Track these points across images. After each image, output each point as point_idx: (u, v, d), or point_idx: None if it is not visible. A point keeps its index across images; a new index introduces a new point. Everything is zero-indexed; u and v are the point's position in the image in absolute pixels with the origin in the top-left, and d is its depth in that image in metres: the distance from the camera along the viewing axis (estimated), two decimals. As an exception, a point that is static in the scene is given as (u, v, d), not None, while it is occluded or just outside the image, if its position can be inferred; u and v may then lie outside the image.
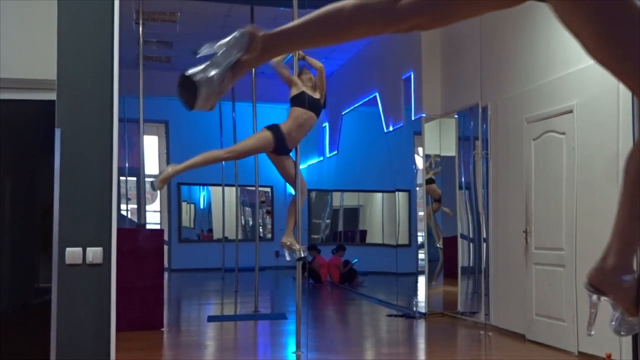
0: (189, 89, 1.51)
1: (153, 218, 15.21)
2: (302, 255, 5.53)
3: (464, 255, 8.55)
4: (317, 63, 5.54)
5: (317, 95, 5.48)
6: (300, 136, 5.45)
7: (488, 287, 7.65)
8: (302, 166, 6.03)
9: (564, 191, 6.34)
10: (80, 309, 4.07)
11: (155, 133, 15.42)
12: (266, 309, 9.45)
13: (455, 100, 8.49)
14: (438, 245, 8.95)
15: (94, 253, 4.09)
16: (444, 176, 8.93)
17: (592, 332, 1.71)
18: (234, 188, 12.85)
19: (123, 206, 13.29)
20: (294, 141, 5.44)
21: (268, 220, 16.48)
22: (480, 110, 7.80)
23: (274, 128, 5.41)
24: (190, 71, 1.52)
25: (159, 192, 15.70)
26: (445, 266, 8.85)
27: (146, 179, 8.81)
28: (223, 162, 13.10)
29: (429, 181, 9.01)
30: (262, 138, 5.43)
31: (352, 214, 13.62)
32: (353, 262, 12.29)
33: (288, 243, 5.53)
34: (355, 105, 11.90)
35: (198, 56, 1.53)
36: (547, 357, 6.22)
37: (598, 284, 1.56)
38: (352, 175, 12.78)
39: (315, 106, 5.45)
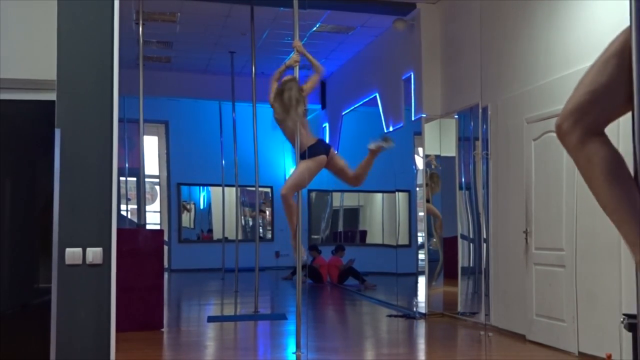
0: None
1: (153, 218, 15.21)
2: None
3: (464, 256, 8.54)
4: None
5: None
6: (293, 143, 6.16)
7: (488, 288, 7.65)
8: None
9: (564, 191, 6.34)
10: (80, 309, 4.07)
11: (155, 133, 15.42)
12: (266, 309, 9.44)
13: (455, 101, 8.49)
14: (434, 241, 8.95)
15: (94, 253, 4.08)
16: (444, 176, 8.93)
17: None
18: (234, 188, 12.84)
19: (123, 206, 13.29)
20: (299, 148, 6.15)
21: (268, 220, 16.48)
22: (480, 110, 7.80)
23: None
24: None
25: (158, 192, 15.74)
26: (445, 266, 8.85)
27: (146, 179, 8.80)
28: (223, 162, 13.17)
29: None
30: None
31: (352, 214, 13.61)
32: (347, 261, 12.28)
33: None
34: (356, 106, 11.89)
35: None
36: (547, 357, 6.22)
37: None
38: (352, 176, 12.75)
39: None
